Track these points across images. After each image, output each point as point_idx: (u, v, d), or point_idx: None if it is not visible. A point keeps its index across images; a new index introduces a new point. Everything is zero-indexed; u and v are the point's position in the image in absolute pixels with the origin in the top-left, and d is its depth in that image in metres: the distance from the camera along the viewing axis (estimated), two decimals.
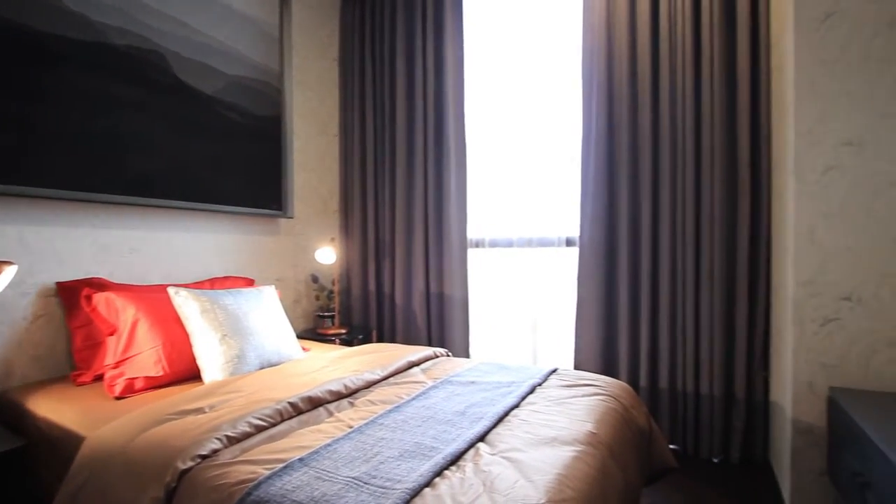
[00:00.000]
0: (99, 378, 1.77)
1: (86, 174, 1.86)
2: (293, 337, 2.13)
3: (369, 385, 1.69)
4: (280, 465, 1.07)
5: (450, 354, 2.22)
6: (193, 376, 1.81)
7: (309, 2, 3.05)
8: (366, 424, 1.32)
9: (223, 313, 1.84)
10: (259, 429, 1.29)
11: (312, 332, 2.82)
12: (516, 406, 1.48)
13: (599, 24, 2.41)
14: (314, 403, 1.47)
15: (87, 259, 1.93)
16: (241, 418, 1.28)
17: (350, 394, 1.60)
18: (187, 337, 1.80)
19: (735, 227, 2.18)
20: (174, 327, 1.81)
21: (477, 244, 2.90)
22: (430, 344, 2.93)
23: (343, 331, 2.81)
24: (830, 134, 1.65)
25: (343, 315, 3.18)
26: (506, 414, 1.41)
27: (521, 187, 2.80)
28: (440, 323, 2.92)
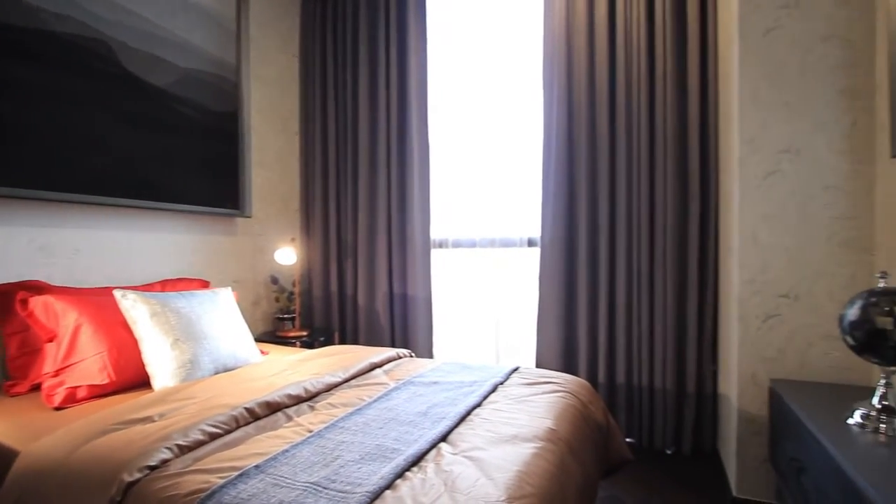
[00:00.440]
0: (36, 388, 1.66)
1: (22, 169, 1.73)
2: (251, 340, 2.07)
3: (330, 388, 1.66)
4: (235, 474, 1.04)
5: (413, 355, 2.22)
6: (143, 384, 1.72)
7: None
8: (326, 428, 1.29)
9: (175, 317, 1.76)
10: (213, 436, 1.24)
11: (272, 335, 2.75)
12: (478, 405, 1.50)
13: (559, 30, 2.47)
14: (272, 408, 1.43)
15: (24, 260, 1.80)
16: (194, 426, 1.23)
17: (310, 397, 1.57)
18: (136, 342, 1.71)
19: (686, 230, 2.28)
20: (121, 332, 1.71)
21: (440, 244, 2.91)
22: (394, 345, 2.91)
23: (304, 333, 2.75)
24: (771, 141, 1.75)
25: (304, 317, 3.11)
26: (468, 413, 1.42)
27: (485, 188, 2.83)
28: (403, 324, 2.90)
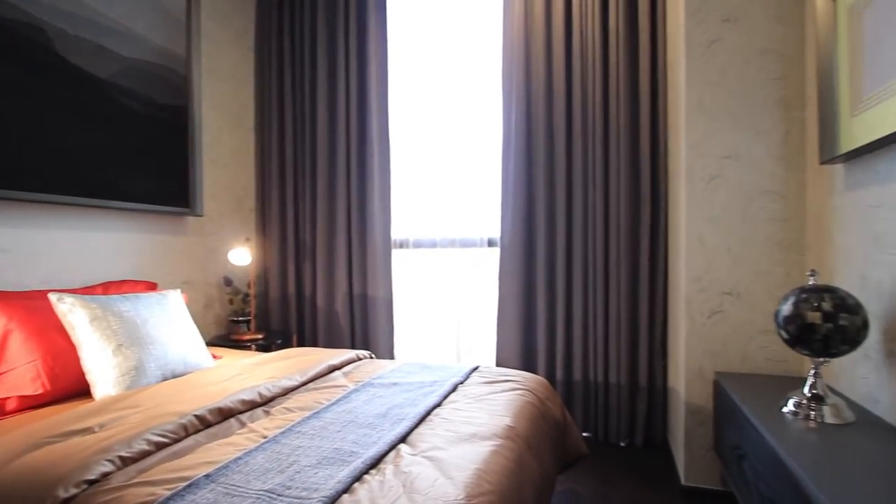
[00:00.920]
0: None
1: None
2: (202, 344, 1.98)
3: (287, 392, 1.62)
4: (183, 484, 0.99)
5: (373, 356, 2.20)
6: (82, 393, 1.62)
7: None
8: (282, 433, 1.26)
9: (118, 321, 1.66)
10: (160, 446, 1.18)
11: (226, 339, 2.64)
12: (438, 405, 1.50)
13: (518, 34, 2.51)
14: (224, 415, 1.38)
15: None
16: (139, 436, 1.17)
17: (265, 402, 1.52)
18: (74, 349, 1.60)
19: (638, 231, 2.37)
20: (57, 338, 1.60)
21: (401, 244, 2.90)
22: (354, 346, 2.87)
23: (260, 336, 2.66)
24: (715, 147, 1.86)
25: (260, 319, 3.01)
26: (428, 413, 1.42)
27: (445, 189, 2.84)
28: (364, 325, 2.87)
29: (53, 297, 1.63)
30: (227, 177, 2.91)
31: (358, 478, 1.04)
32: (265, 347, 2.58)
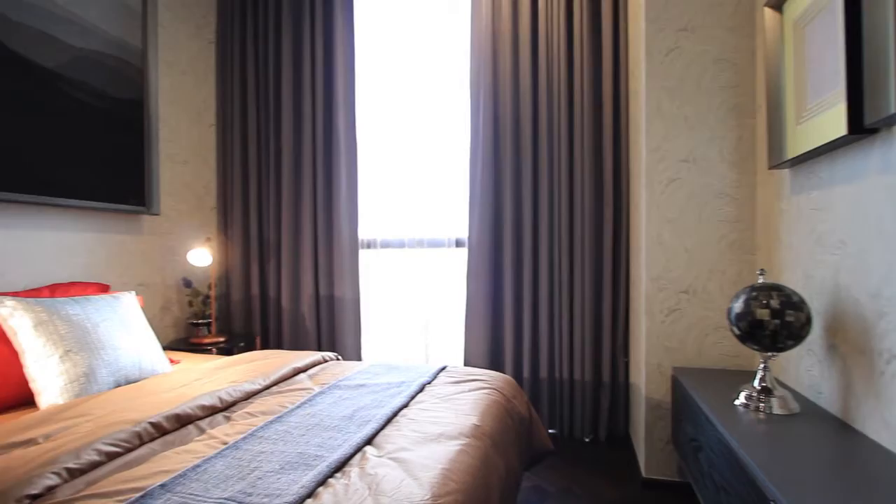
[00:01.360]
0: None
1: None
2: (158, 349, 1.90)
3: (249, 396, 1.57)
4: (136, 495, 0.95)
5: (340, 358, 2.17)
6: (25, 402, 1.53)
7: None
8: (243, 439, 1.22)
9: (66, 325, 1.57)
10: (112, 456, 1.13)
11: (185, 343, 2.55)
12: (405, 406, 1.49)
13: (485, 38, 2.53)
14: (182, 421, 1.33)
15: None
16: (88, 446, 1.11)
17: (226, 407, 1.47)
18: (15, 356, 1.51)
19: (601, 232, 2.44)
20: None
21: (369, 245, 2.87)
22: (321, 348, 2.83)
23: (221, 339, 2.58)
24: (673, 151, 1.93)
25: (221, 322, 2.92)
26: (394, 414, 1.41)
27: (413, 189, 2.83)
28: (330, 326, 2.82)
29: None
30: (187, 174, 2.81)
31: (322, 482, 1.02)
32: (227, 351, 2.50)
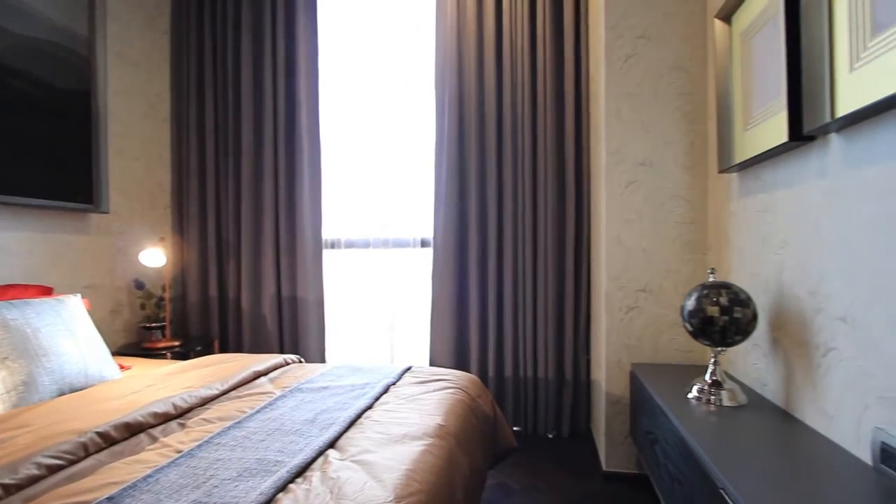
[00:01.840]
0: None
1: None
2: (107, 354, 1.81)
3: (206, 402, 1.52)
4: None
5: (302, 361, 2.12)
6: None
7: None
8: (198, 447, 1.17)
9: (2, 331, 1.47)
10: (53, 469, 1.06)
11: (137, 347, 2.43)
12: (369, 407, 1.48)
13: (450, 38, 2.54)
14: (132, 430, 1.27)
15: None
16: (27, 459, 1.04)
17: (181, 414, 1.42)
18: None
19: (564, 232, 2.49)
20: None
21: (333, 245, 2.82)
22: (283, 351, 2.76)
23: (176, 343, 2.47)
24: (631, 154, 1.99)
25: (177, 325, 2.80)
26: (358, 417, 1.39)
27: (378, 189, 2.80)
28: (293, 328, 2.76)
29: None
30: (139, 170, 2.68)
31: (282, 488, 1.00)
32: (183, 355, 2.40)
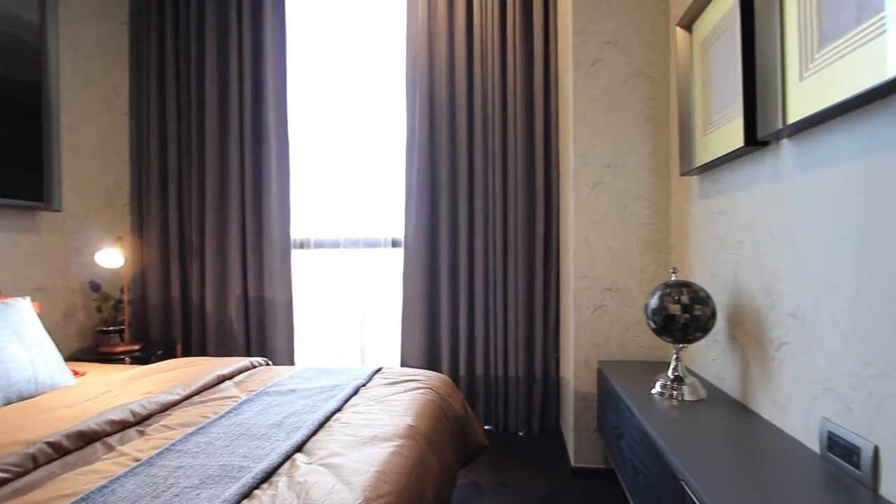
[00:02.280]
0: None
1: None
2: (59, 360, 1.72)
3: (167, 408, 1.46)
4: None
5: (270, 363, 2.07)
6: None
7: None
8: (158, 454, 1.13)
9: None
10: None
11: (93, 352, 2.32)
12: (339, 410, 1.46)
13: (421, 39, 2.54)
14: (87, 439, 1.21)
15: None
16: None
17: (140, 421, 1.36)
18: None
19: (533, 232, 2.53)
20: None
21: (302, 245, 2.77)
22: (250, 354, 2.69)
23: (135, 347, 2.37)
24: (597, 157, 2.04)
25: (136, 328, 2.69)
26: (327, 419, 1.37)
27: (349, 189, 2.77)
28: (261, 330, 2.70)
29: None
30: (95, 167, 2.56)
31: (247, 494, 0.97)
32: (143, 360, 2.31)
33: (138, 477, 1.03)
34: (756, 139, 1.22)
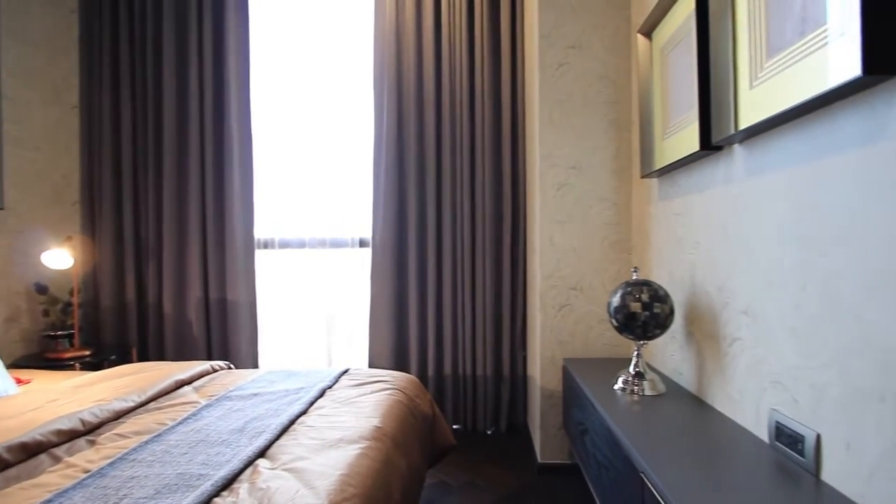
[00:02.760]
0: None
1: None
2: (0, 368, 1.61)
3: (120, 415, 1.40)
4: None
5: (231, 367, 2.01)
6: None
7: None
8: (110, 464, 1.08)
9: None
10: None
11: (39, 359, 2.19)
12: (304, 413, 1.43)
13: (389, 37, 2.52)
14: (30, 451, 1.14)
15: None
16: None
17: (90, 430, 1.29)
18: None
19: (501, 232, 2.55)
20: None
21: (266, 245, 2.70)
22: (211, 357, 2.60)
23: (86, 353, 2.26)
24: (563, 158, 2.08)
25: (87, 333, 2.55)
26: (291, 423, 1.34)
27: (315, 188, 2.72)
28: (222, 333, 2.61)
29: None
30: (41, 162, 2.41)
31: (206, 502, 0.94)
32: (94, 365, 2.20)
33: (87, 489, 0.98)
34: (711, 144, 1.27)
